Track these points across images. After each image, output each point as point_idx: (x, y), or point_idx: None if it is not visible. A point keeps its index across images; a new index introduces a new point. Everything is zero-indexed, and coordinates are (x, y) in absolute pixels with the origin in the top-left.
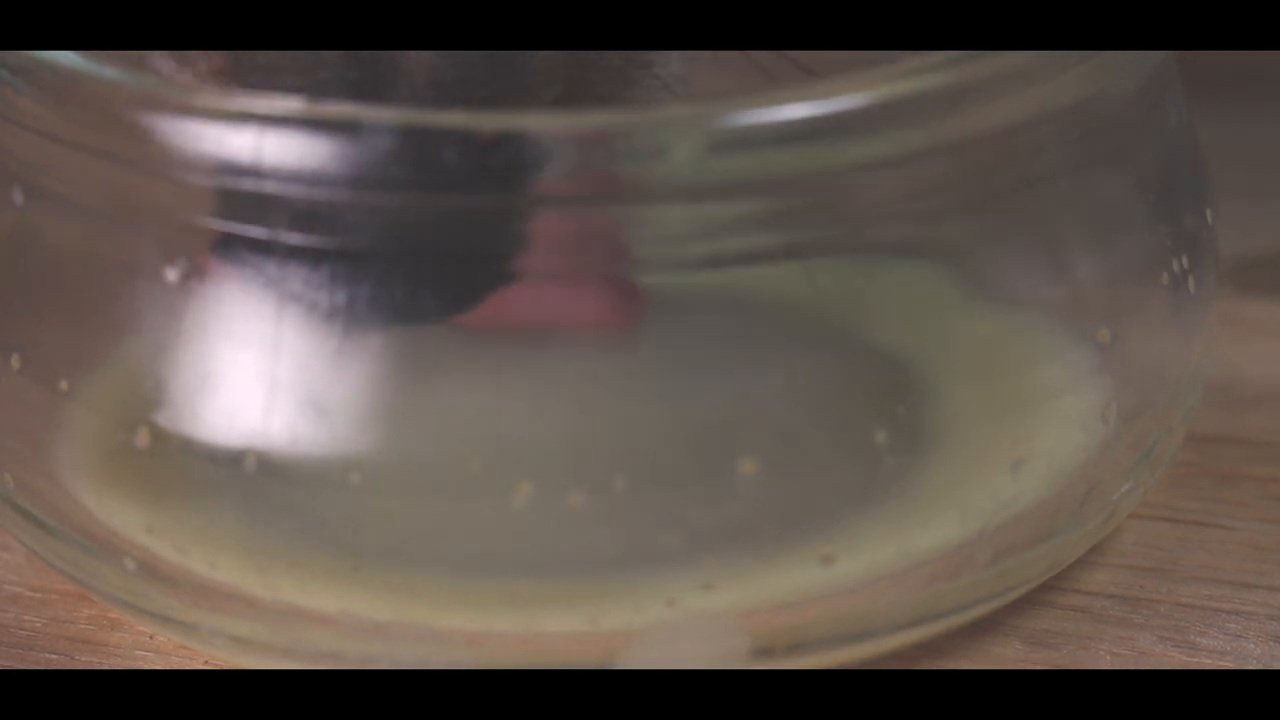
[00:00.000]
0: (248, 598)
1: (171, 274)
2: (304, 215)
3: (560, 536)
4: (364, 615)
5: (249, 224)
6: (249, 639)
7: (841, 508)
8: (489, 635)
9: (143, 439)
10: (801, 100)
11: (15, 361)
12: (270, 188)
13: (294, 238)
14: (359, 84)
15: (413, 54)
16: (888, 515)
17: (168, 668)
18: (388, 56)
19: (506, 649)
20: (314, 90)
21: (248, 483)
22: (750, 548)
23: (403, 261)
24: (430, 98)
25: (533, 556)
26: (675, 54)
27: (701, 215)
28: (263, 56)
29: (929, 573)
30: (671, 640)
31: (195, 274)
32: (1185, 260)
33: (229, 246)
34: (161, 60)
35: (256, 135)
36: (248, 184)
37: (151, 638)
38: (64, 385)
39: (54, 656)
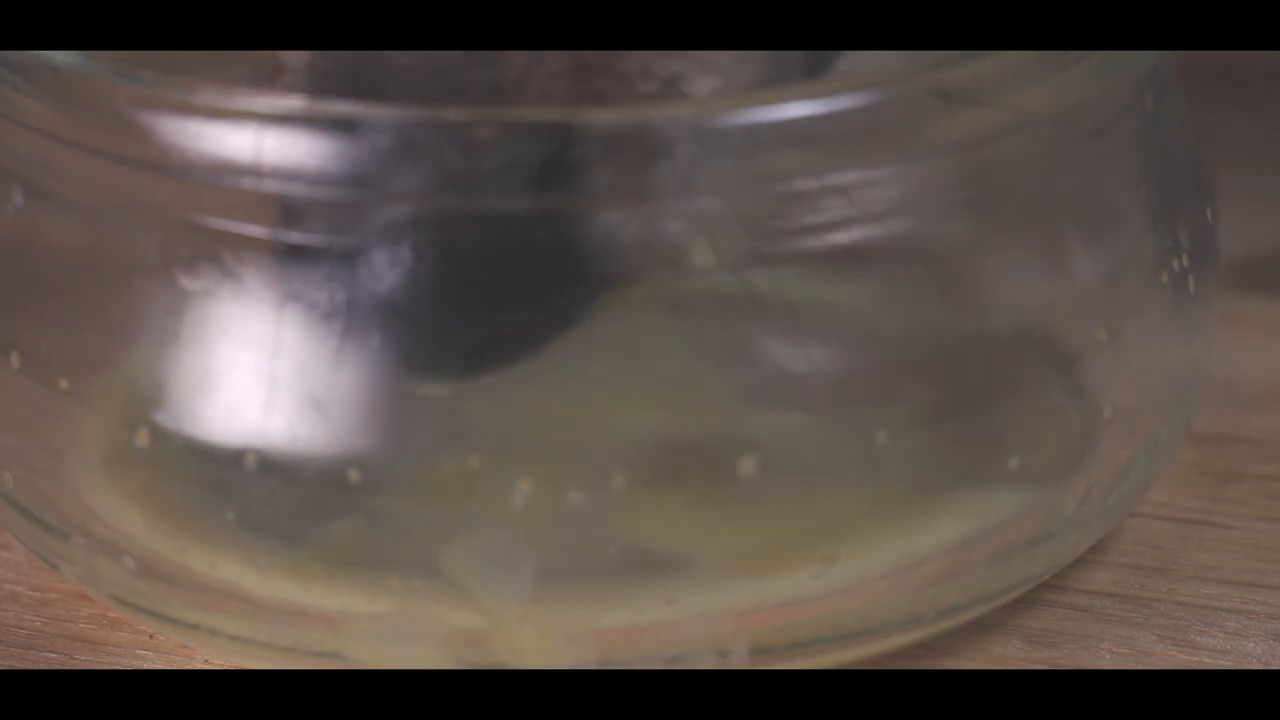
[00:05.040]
0: (247, 597)
1: (171, 273)
2: (303, 214)
3: (559, 535)
4: (363, 614)
5: (248, 223)
6: (249, 638)
7: (841, 508)
8: (489, 634)
9: (143, 438)
10: (799, 100)
11: (15, 360)
12: (270, 186)
13: (293, 236)
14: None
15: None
16: (887, 515)
17: (167, 667)
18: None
19: (508, 645)
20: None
21: (247, 482)
22: (750, 547)
23: (401, 260)
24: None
25: (531, 556)
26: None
27: (701, 217)
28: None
29: (929, 572)
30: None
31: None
32: (1185, 260)
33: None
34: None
35: (256, 134)
36: (247, 182)
37: (151, 637)
38: (64, 384)
39: (53, 655)
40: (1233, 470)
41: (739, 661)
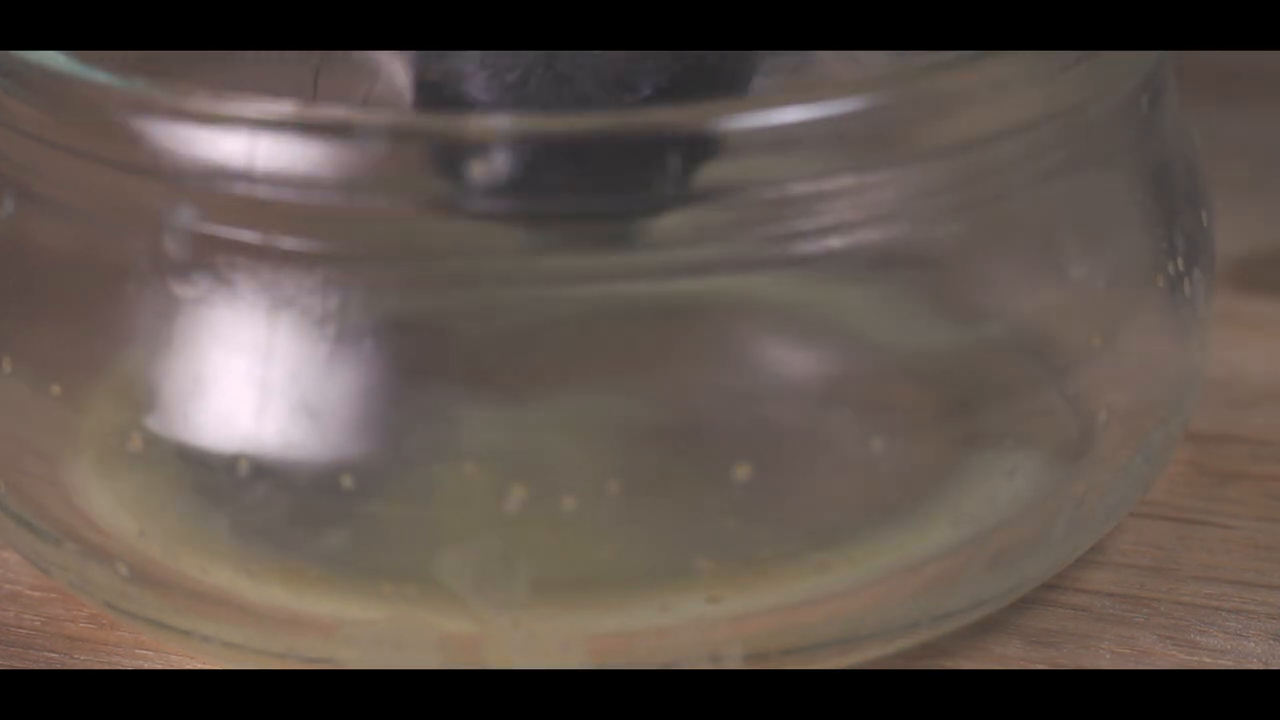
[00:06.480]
0: (239, 603)
1: (163, 278)
2: (296, 219)
3: (553, 541)
4: (357, 620)
5: (241, 228)
6: (241, 644)
7: (837, 513)
8: (483, 638)
9: (135, 443)
10: (793, 105)
11: (7, 365)
12: (262, 192)
13: (286, 242)
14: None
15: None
16: (884, 521)
17: (167, 667)
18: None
19: (501, 651)
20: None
21: (240, 488)
22: (745, 553)
23: (395, 265)
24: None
25: (525, 561)
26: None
27: (695, 221)
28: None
29: (926, 578)
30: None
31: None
32: (1181, 263)
33: None
34: None
35: (249, 139)
36: (239, 188)
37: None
38: (56, 389)
39: (53, 655)
40: (1232, 470)
41: (733, 667)
